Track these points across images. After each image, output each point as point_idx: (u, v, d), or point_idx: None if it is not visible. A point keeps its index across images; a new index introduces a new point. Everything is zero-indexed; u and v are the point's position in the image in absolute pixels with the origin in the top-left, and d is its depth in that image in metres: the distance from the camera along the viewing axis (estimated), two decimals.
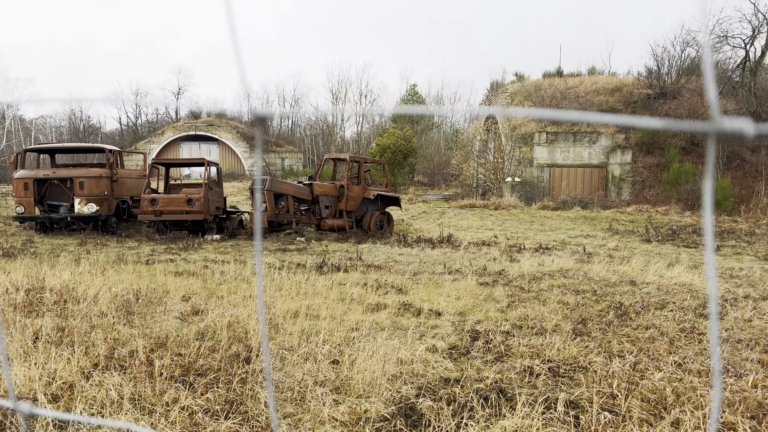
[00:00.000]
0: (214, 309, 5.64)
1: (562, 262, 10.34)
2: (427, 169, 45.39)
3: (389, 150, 27.77)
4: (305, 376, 3.66)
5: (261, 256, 0.85)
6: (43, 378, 3.59)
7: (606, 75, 37.56)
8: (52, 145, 17.00)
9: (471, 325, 5.40)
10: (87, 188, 15.07)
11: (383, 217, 16.33)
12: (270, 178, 14.60)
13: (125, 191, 16.29)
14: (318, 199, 15.35)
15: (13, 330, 4.67)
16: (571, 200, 24.03)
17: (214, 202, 15.14)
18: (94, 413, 3.09)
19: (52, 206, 15.35)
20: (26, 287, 6.43)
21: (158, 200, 14.49)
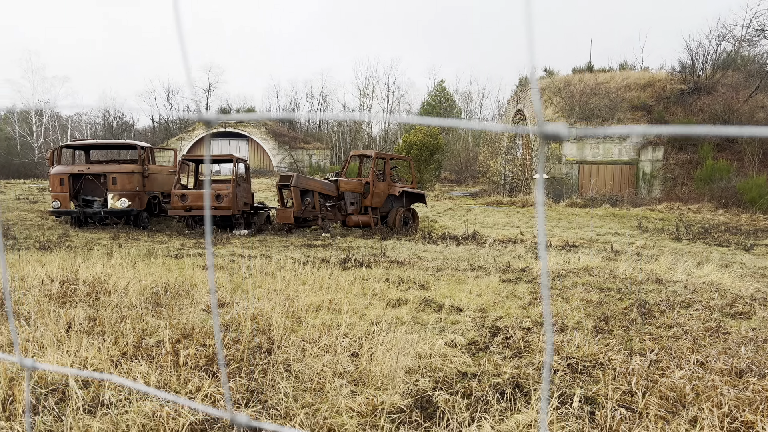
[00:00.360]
0: (239, 302, 5.77)
1: (587, 260, 10.24)
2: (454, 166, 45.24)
3: (416, 147, 27.77)
4: (324, 368, 3.74)
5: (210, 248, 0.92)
6: (75, 365, 3.74)
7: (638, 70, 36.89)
8: (87, 141, 17.48)
9: (492, 321, 5.43)
10: (120, 184, 15.46)
11: (408, 214, 16.37)
12: (296, 175, 14.77)
13: (156, 187, 16.66)
14: (343, 195, 15.47)
15: (48, 319, 4.86)
16: (600, 198, 23.70)
17: (242, 197, 15.39)
18: (121, 399, 3.22)
19: (86, 201, 15.79)
20: (61, 279, 6.66)
21: (188, 196, 14.79)
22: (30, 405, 2.84)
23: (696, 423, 3.07)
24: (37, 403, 3.13)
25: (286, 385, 3.50)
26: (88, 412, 3.00)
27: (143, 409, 3.06)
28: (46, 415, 2.99)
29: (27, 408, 1.70)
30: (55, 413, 3.02)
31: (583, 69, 36.17)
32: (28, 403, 1.38)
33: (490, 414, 3.14)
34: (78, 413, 2.96)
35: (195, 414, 2.96)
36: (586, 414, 3.15)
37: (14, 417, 2.96)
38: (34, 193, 26.04)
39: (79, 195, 15.77)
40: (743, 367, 4.05)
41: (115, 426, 2.87)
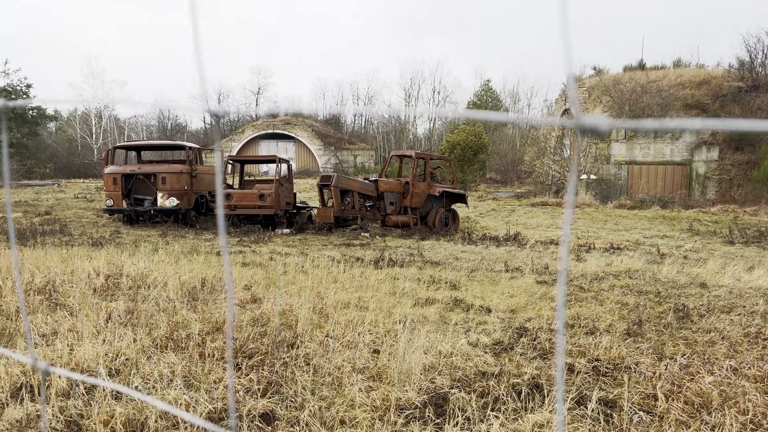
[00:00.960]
0: (271, 298, 5.91)
1: (630, 263, 9.98)
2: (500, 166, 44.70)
3: (459, 147, 27.61)
4: (344, 363, 3.80)
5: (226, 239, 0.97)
6: (109, 354, 3.93)
7: (693, 67, 35.55)
8: (139, 142, 18.18)
9: (520, 322, 5.38)
10: (169, 183, 16.00)
11: (448, 214, 16.31)
12: (337, 175, 14.94)
13: (203, 186, 17.16)
14: (383, 195, 15.55)
15: (89, 311, 5.11)
16: (650, 199, 22.97)
17: (285, 197, 15.68)
18: (148, 387, 3.37)
19: (137, 199, 16.42)
20: (106, 273, 6.98)
21: (233, 195, 15.18)
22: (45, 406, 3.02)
23: (717, 428, 2.98)
24: (69, 388, 3.31)
25: (305, 378, 3.58)
26: (115, 398, 3.16)
27: (166, 397, 3.19)
28: (77, 399, 3.16)
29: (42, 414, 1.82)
30: (84, 398, 3.19)
31: (634, 67, 35.13)
32: (43, 405, 1.48)
33: (504, 413, 3.13)
34: (106, 399, 3.12)
35: (212, 402, 3.07)
36: (602, 416, 3.10)
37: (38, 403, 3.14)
38: (92, 192, 27.24)
39: (131, 194, 16.41)
40: None
41: (138, 412, 3.01)
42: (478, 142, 28.01)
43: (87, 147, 53.56)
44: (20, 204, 21.22)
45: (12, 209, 19.46)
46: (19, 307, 5.13)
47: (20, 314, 5.04)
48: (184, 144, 17.20)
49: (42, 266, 7.44)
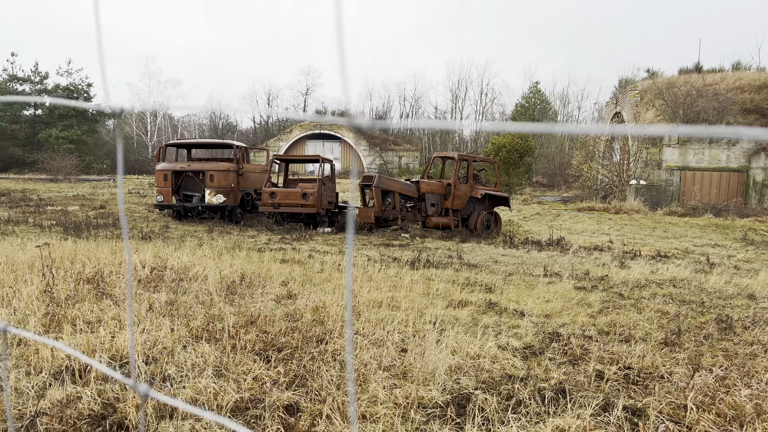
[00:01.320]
0: (307, 294, 6.02)
1: (676, 271, 9.68)
2: (547, 170, 43.93)
3: (504, 149, 27.30)
4: (371, 360, 3.85)
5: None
6: (148, 342, 4.11)
7: (753, 70, 34.12)
8: (188, 141, 18.74)
9: (553, 328, 5.31)
10: (216, 180, 16.45)
11: (490, 217, 16.16)
12: (378, 175, 15.04)
13: (249, 184, 17.55)
14: (424, 196, 15.54)
15: (136, 303, 5.33)
16: (703, 206, 22.15)
17: (327, 196, 15.87)
18: (181, 374, 3.51)
19: (186, 196, 16.94)
20: (151, 266, 7.25)
21: (277, 193, 15.48)
22: (143, 428, 3.18)
23: None
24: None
25: (331, 373, 3.65)
26: (149, 383, 3.31)
27: (197, 385, 3.32)
28: (114, 384, 3.32)
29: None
30: (121, 383, 3.35)
31: (690, 70, 33.99)
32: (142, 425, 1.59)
33: (526, 416, 3.12)
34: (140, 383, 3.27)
35: (239, 392, 3.18)
36: (626, 424, 3.05)
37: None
38: (145, 188, 28.24)
39: (181, 190, 16.95)
40: None
41: (171, 397, 3.14)
42: (524, 145, 27.63)
43: (142, 144, 55.50)
44: (77, 198, 22.21)
45: (123, 202, 20.40)
46: (126, 303, 5.40)
47: (72, 303, 5.31)
48: (231, 143, 17.64)
49: (92, 257, 7.80)
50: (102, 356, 3.80)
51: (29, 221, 14.28)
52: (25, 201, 20.24)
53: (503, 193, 16.58)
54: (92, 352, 3.89)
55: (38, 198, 21.54)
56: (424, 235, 15.02)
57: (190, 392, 3.24)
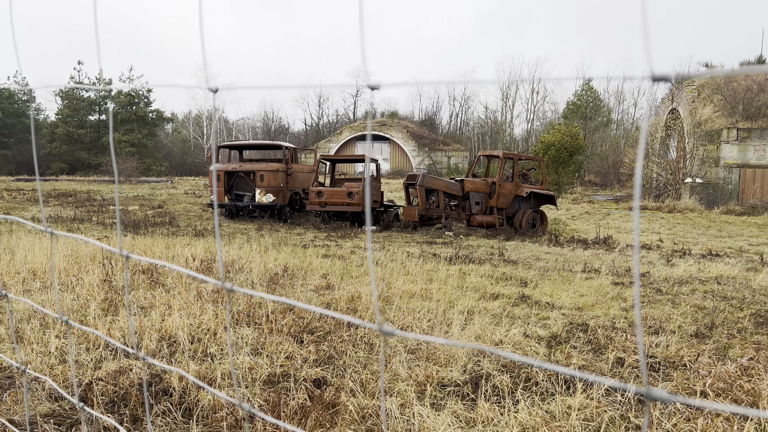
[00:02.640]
0: (345, 286, 6.30)
1: (725, 269, 9.46)
2: (601, 169, 42.96)
3: (553, 147, 26.94)
4: (397, 344, 4.08)
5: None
6: (193, 325, 4.46)
7: None
8: (240, 142, 19.44)
9: (584, 320, 5.39)
10: (266, 180, 17.02)
11: (536, 216, 16.08)
12: (423, 174, 15.22)
13: (298, 184, 18.07)
14: (469, 195, 15.62)
15: (182, 289, 5.73)
16: (763, 205, 21.26)
17: (372, 195, 16.18)
18: (221, 352, 3.83)
19: (238, 195, 17.61)
20: (202, 258, 7.70)
21: (323, 193, 15.90)
22: (230, 321, 3.51)
23: (758, 426, 2.96)
24: (157, 350, 3.84)
25: (359, 354, 3.90)
26: (191, 358, 3.64)
27: (236, 361, 3.63)
28: (161, 358, 3.67)
29: (228, 325, 2.23)
30: (168, 358, 3.69)
31: (752, 63, 32.58)
32: (228, 320, 1.89)
33: (538, 394, 3.27)
34: (184, 359, 3.61)
35: (272, 367, 3.46)
36: (636, 404, 3.16)
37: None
38: (200, 188, 29.37)
39: (233, 190, 17.62)
40: None
41: (210, 371, 3.46)
42: (573, 143, 27.19)
43: (198, 147, 57.51)
44: (137, 198, 23.37)
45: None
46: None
47: (133, 290, 5.76)
48: (281, 144, 18.20)
49: (149, 251, 8.33)
50: (152, 335, 4.17)
51: (93, 219, 15.20)
52: (89, 201, 21.46)
53: (550, 191, 16.45)
54: (143, 331, 4.27)
55: (101, 198, 22.79)
56: (468, 234, 15.10)
57: (228, 367, 3.55)
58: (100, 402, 2.99)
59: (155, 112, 50.64)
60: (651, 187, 27.32)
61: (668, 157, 29.01)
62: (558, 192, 28.43)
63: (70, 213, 16.85)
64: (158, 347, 3.91)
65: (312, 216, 17.63)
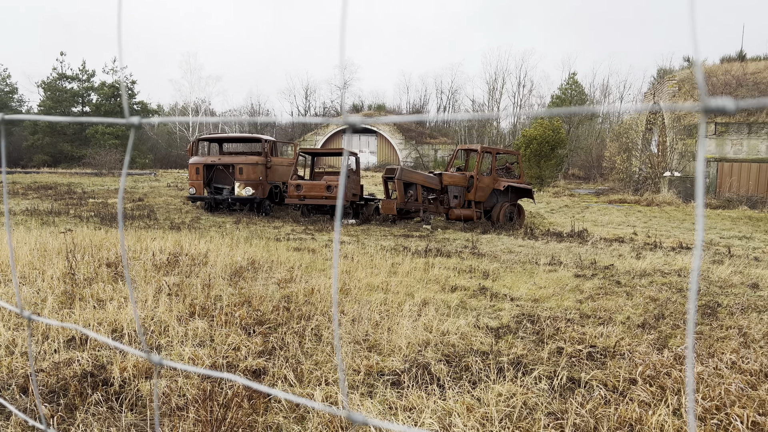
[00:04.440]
0: (309, 279, 6.39)
1: (690, 262, 9.66)
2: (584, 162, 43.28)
3: (535, 141, 27.13)
4: (344, 335, 4.18)
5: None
6: (148, 317, 4.54)
7: None
8: (219, 135, 19.41)
9: (537, 311, 5.52)
10: (245, 173, 17.04)
11: (513, 209, 16.24)
12: (401, 168, 15.32)
13: (277, 177, 18.10)
14: (447, 188, 15.75)
15: (145, 284, 5.80)
16: (738, 198, 21.61)
17: (351, 189, 16.25)
18: (170, 344, 3.91)
19: (217, 188, 17.61)
20: (170, 252, 7.75)
21: (302, 186, 15.96)
22: (33, 356, 3.57)
23: (676, 410, 3.10)
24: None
25: (306, 345, 4.00)
26: (141, 351, 3.72)
27: (181, 352, 3.71)
28: (107, 350, 3.75)
29: (31, 358, 2.32)
30: (113, 350, 3.77)
31: (733, 58, 32.94)
32: (31, 352, 1.97)
33: (472, 383, 3.39)
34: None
35: (215, 358, 3.55)
36: (565, 391, 3.29)
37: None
38: (183, 181, 29.26)
39: (212, 183, 17.62)
40: None
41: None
42: (555, 137, 27.39)
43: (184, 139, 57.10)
44: (118, 191, 23.27)
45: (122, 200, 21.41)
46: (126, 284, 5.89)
47: (89, 284, 5.81)
48: (260, 137, 18.20)
49: (119, 244, 8.36)
50: (105, 328, 4.24)
51: (70, 212, 15.15)
52: (69, 194, 21.35)
53: (528, 185, 16.61)
54: (99, 324, 4.34)
55: (82, 191, 22.67)
56: (446, 227, 15.24)
57: (174, 358, 3.63)
58: (39, 393, 3.07)
59: (140, 104, 50.27)
60: (631, 181, 27.62)
61: (647, 151, 29.32)
62: (540, 185, 28.66)
63: (47, 206, 16.78)
64: (112, 338, 3.98)
65: (291, 209, 17.68)
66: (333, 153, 17.25)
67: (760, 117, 24.65)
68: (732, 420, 2.94)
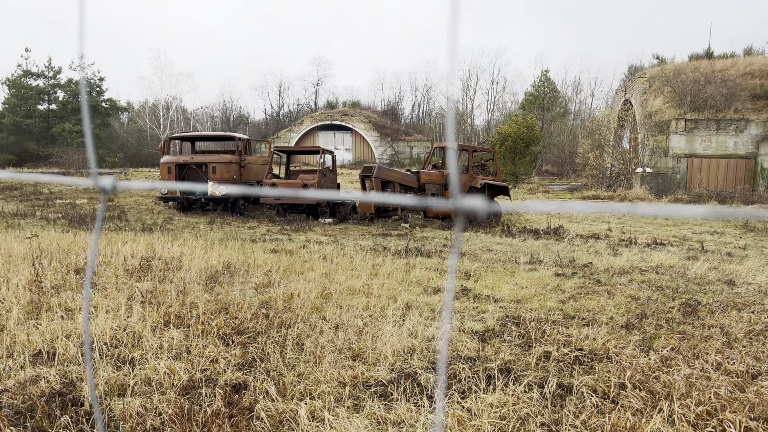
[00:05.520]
0: (288, 283, 6.23)
1: (666, 258, 9.75)
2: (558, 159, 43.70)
3: (510, 138, 27.26)
4: (327, 343, 4.05)
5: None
6: (120, 327, 4.34)
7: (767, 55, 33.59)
8: (192, 133, 19.02)
9: (520, 313, 5.46)
10: (219, 172, 16.72)
11: None
12: (378, 166, 15.19)
13: (252, 176, 17.81)
14: (425, 186, 15.68)
15: (116, 291, 5.57)
16: (708, 194, 22.02)
17: (328, 187, 16.07)
18: (143, 357, 3.73)
19: None
20: (142, 256, 7.51)
21: (278, 185, 15.71)
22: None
23: (669, 417, 3.04)
24: (75, 357, 3.71)
25: (288, 356, 3.85)
26: (109, 364, 3.53)
27: (156, 366, 3.53)
28: (78, 365, 3.55)
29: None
30: (82, 366, 3.57)
31: (701, 56, 33.55)
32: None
33: (462, 393, 3.29)
34: (101, 365, 3.50)
35: (191, 372, 3.39)
36: (550, 398, 3.21)
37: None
38: (155, 180, 28.67)
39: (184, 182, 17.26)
40: (763, 370, 3.86)
41: (130, 377, 3.36)
42: (529, 134, 27.56)
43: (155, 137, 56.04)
44: (87, 191, 22.66)
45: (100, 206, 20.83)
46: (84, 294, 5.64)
47: (57, 292, 5.56)
48: (233, 135, 17.88)
49: (88, 248, 8.07)
50: (75, 341, 4.03)
51: (36, 214, 14.67)
52: (35, 195, 20.71)
53: (504, 182, 16.64)
54: (67, 337, 4.13)
55: (49, 192, 22.02)
56: (424, 225, 15.17)
57: (150, 372, 3.46)
58: (5, 415, 2.87)
59: (108, 102, 49.12)
60: (604, 177, 27.95)
61: (619, 147, 29.71)
62: (515, 182, 28.82)
63: (12, 207, 16.23)
64: (82, 352, 3.79)
65: (266, 209, 17.42)
66: (308, 151, 17.04)
67: (728, 114, 25.15)
68: (726, 427, 2.90)
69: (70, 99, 46.70)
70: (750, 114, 25.08)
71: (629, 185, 25.54)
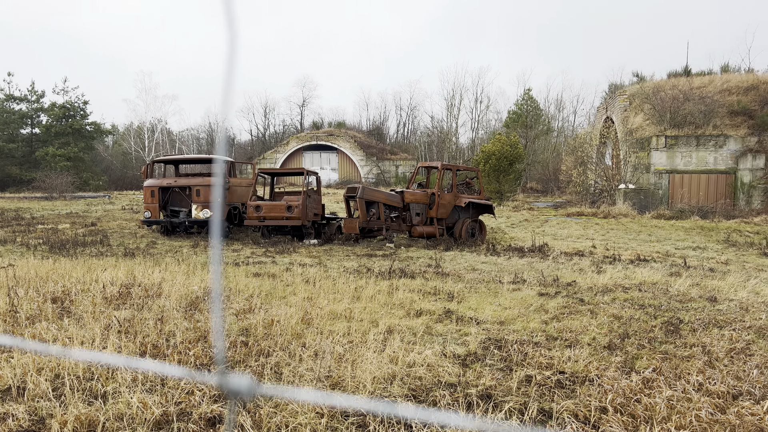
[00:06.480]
0: (269, 308, 6.15)
1: (649, 275, 9.79)
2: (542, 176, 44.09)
3: (494, 156, 27.47)
4: (306, 372, 3.98)
5: None
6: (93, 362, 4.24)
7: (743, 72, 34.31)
8: (175, 156, 18.94)
9: (503, 335, 5.43)
10: (202, 195, 16.62)
11: (475, 225, 16.30)
12: (362, 186, 15.20)
13: (236, 198, 17.72)
14: (409, 206, 15.70)
15: (93, 320, 5.47)
16: (690, 209, 22.28)
17: (312, 208, 16.03)
18: (117, 388, 3.64)
19: (173, 211, 17.11)
20: (122, 282, 7.40)
21: (262, 207, 15.64)
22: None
23: None
24: (47, 391, 3.61)
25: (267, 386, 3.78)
26: (80, 399, 3.44)
27: (130, 400, 3.45)
28: (48, 401, 3.46)
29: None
30: (53, 402, 3.48)
31: (679, 73, 34.20)
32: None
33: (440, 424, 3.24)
34: (72, 400, 3.41)
35: (165, 406, 3.31)
36: (536, 426, 3.17)
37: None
38: (139, 203, 28.41)
39: (168, 206, 17.12)
40: (743, 390, 3.85)
41: (101, 412, 3.27)
42: (513, 152, 27.79)
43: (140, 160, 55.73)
44: (70, 215, 22.40)
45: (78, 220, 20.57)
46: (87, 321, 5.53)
47: (32, 323, 5.45)
48: (217, 157, 17.83)
49: (67, 275, 7.95)
50: (47, 374, 3.94)
51: (17, 240, 14.45)
52: (17, 220, 20.43)
53: (488, 201, 16.72)
54: (39, 370, 4.03)
55: (31, 216, 21.74)
56: (409, 245, 15.15)
57: (122, 407, 3.37)
58: None
59: (93, 125, 48.85)
60: (588, 194, 28.19)
61: (602, 164, 30.04)
62: (500, 200, 28.98)
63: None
64: (53, 386, 3.69)
65: (251, 231, 17.31)
66: (293, 173, 17.04)
67: (707, 130, 25.57)
68: None
69: (54, 123, 46.36)
70: (728, 130, 25.51)
71: (612, 201, 25.78)
